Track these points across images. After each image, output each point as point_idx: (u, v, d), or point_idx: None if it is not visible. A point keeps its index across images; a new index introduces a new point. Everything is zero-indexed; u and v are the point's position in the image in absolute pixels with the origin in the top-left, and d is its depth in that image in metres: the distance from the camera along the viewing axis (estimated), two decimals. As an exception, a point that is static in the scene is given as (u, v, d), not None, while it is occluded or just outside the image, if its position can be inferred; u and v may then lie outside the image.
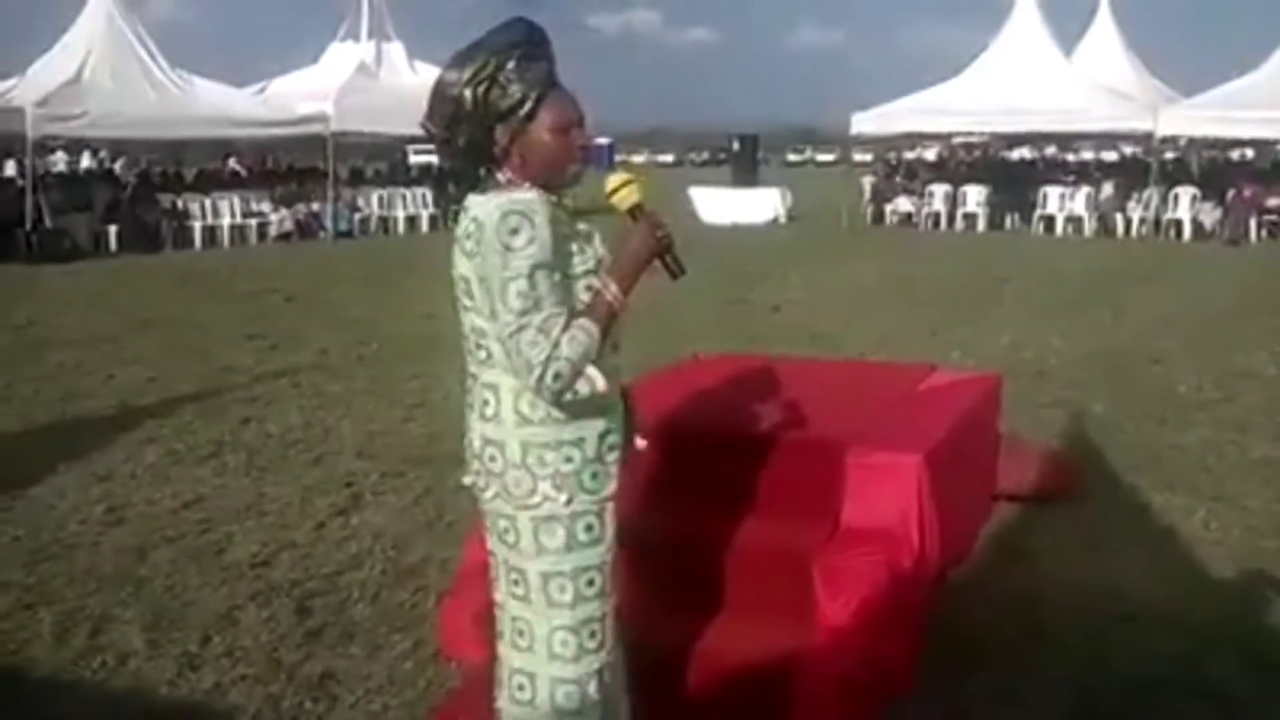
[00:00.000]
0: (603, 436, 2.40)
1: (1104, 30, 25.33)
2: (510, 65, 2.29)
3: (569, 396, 2.29)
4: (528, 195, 2.30)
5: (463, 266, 2.33)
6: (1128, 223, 21.58)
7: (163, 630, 3.95)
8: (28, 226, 17.49)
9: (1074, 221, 22.07)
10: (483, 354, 2.38)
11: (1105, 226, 21.76)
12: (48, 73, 18.83)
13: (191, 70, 21.04)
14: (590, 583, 2.44)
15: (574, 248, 2.33)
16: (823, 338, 9.82)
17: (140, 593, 4.30)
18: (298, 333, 10.34)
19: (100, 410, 7.37)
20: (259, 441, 6.56)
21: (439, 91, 2.36)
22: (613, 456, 2.43)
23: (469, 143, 2.36)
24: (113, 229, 18.79)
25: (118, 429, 6.79)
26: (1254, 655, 3.68)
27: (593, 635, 2.46)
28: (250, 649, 3.80)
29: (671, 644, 3.22)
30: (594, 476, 2.39)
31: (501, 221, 2.23)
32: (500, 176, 2.37)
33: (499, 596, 2.54)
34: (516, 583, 2.46)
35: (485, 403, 2.40)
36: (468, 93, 2.30)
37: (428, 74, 23.86)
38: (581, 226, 2.42)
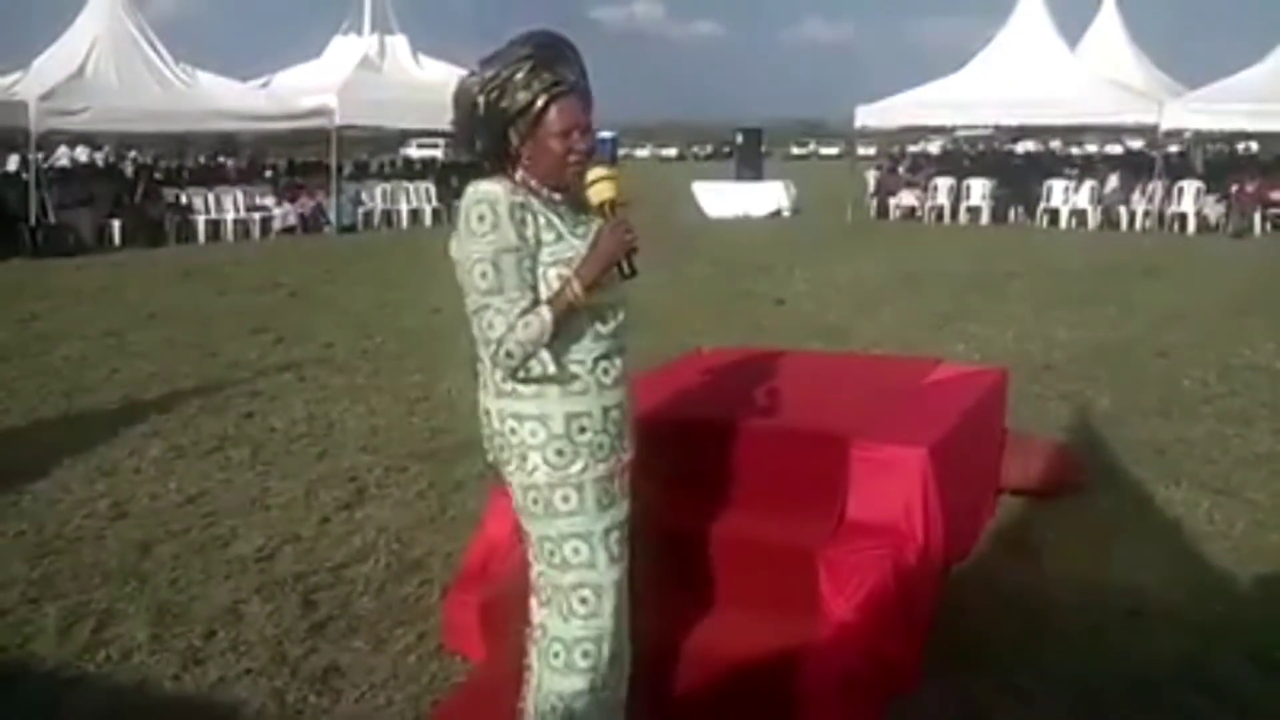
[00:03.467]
0: (571, 417, 2.54)
1: (1108, 23, 25.23)
2: (519, 75, 2.48)
3: (522, 374, 2.49)
4: (495, 186, 2.49)
5: (451, 249, 2.55)
6: (1132, 216, 21.53)
7: (167, 625, 3.95)
8: (32, 221, 17.49)
9: (1078, 215, 22.01)
10: (475, 330, 2.56)
11: (1109, 220, 21.70)
12: (51, 67, 18.81)
13: (195, 64, 21.03)
14: (576, 551, 2.59)
15: (550, 237, 2.50)
16: (827, 331, 9.80)
17: (144, 587, 4.30)
18: (302, 327, 10.34)
19: (104, 405, 7.37)
20: (263, 436, 6.55)
21: (457, 97, 2.57)
22: (584, 438, 2.55)
23: (488, 146, 2.56)
24: (116, 224, 18.80)
25: (122, 423, 6.79)
26: (1259, 651, 3.67)
27: (584, 601, 2.61)
28: (255, 643, 3.80)
29: (675, 637, 3.22)
30: (559, 453, 2.54)
31: (472, 209, 2.47)
32: (516, 175, 2.55)
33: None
34: (524, 537, 2.68)
35: (478, 373, 2.64)
36: (481, 99, 2.51)
37: (431, 68, 23.91)
38: (582, 218, 2.58)
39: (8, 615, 4.06)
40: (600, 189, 2.51)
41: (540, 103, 2.48)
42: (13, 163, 21.91)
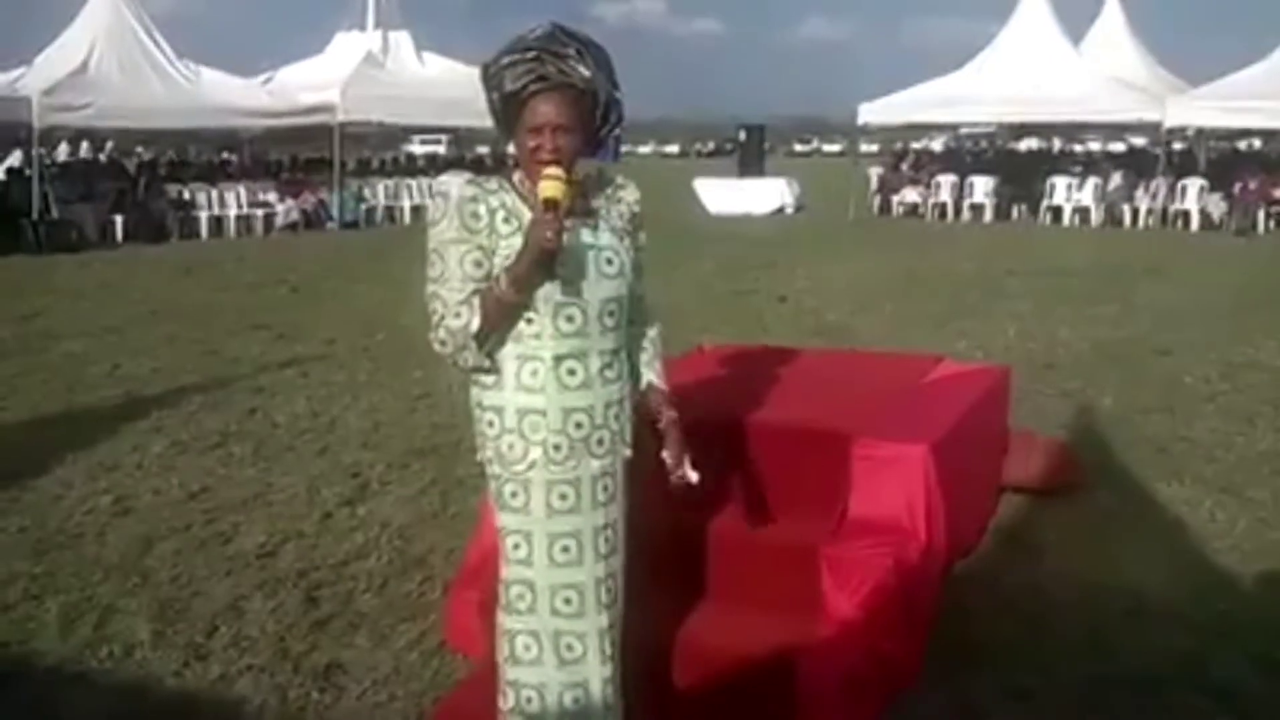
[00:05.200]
0: (523, 412, 2.54)
1: (1112, 20, 25.22)
2: (511, 65, 2.47)
3: (460, 364, 2.56)
4: (453, 179, 2.62)
5: None
6: (1135, 213, 21.51)
7: (169, 620, 3.96)
8: (35, 217, 17.49)
9: (1081, 212, 21.99)
10: None
11: (1112, 217, 21.68)
12: (54, 63, 18.82)
13: (198, 60, 21.04)
14: (516, 546, 2.61)
15: (507, 230, 2.50)
16: (830, 328, 9.81)
17: (146, 583, 4.31)
18: (304, 323, 10.35)
19: (107, 401, 7.38)
20: (265, 432, 6.56)
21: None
22: (538, 437, 2.54)
23: (504, 135, 2.59)
24: (119, 219, 18.80)
25: (124, 419, 6.80)
26: (1261, 651, 3.66)
27: (520, 596, 2.63)
28: (257, 639, 3.81)
29: (676, 634, 3.22)
30: (510, 447, 2.56)
31: (431, 200, 2.61)
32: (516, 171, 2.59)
33: None
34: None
35: None
36: (483, 85, 2.53)
37: (435, 64, 23.93)
38: (577, 221, 2.53)
39: (10, 611, 4.07)
40: (543, 187, 2.41)
41: (521, 96, 2.47)
42: (16, 158, 21.93)
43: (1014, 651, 3.68)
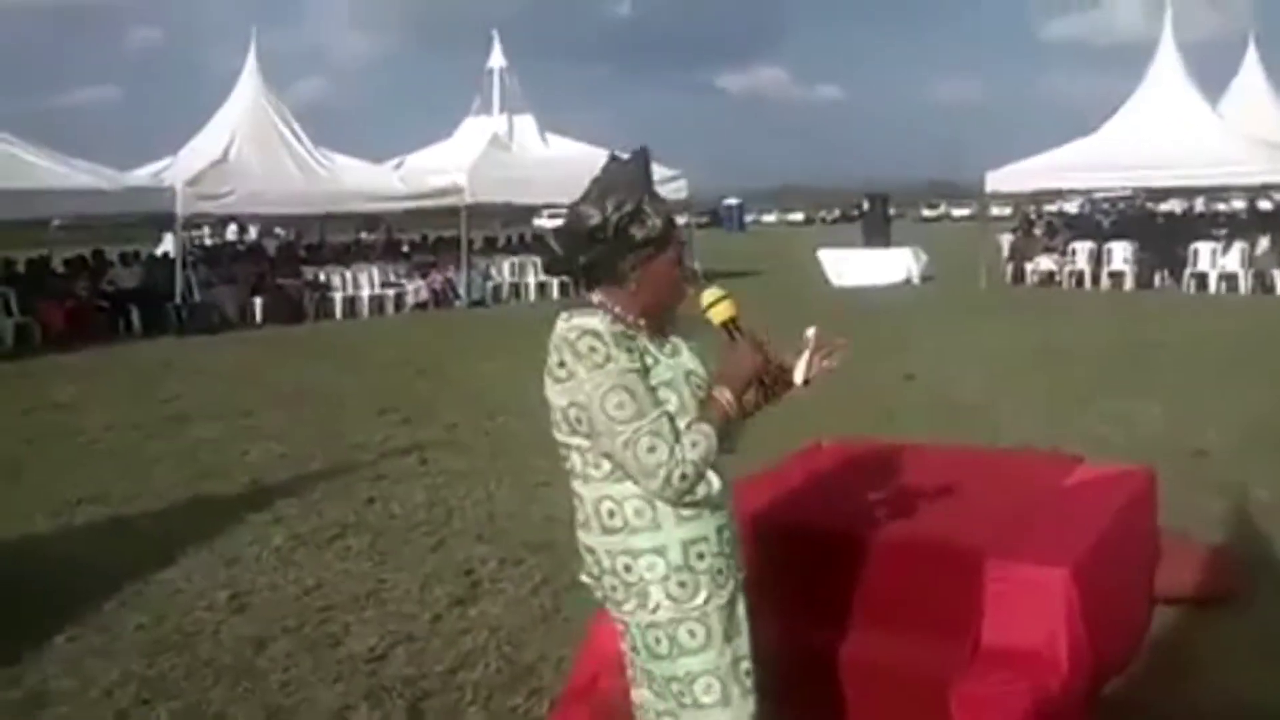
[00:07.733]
0: (688, 544, 2.42)
1: (1251, 77, 24.29)
2: (647, 201, 2.46)
3: (690, 497, 2.38)
4: (592, 319, 2.41)
5: (552, 391, 2.46)
6: (1288, 279, 20.41)
7: (275, 732, 3.89)
8: (178, 300, 18.28)
9: (1228, 279, 20.93)
10: (567, 465, 2.52)
11: (1263, 284, 20.59)
12: (197, 153, 19.84)
13: (332, 146, 21.89)
14: (709, 688, 2.44)
15: (650, 361, 2.43)
16: (961, 411, 9.42)
17: (256, 688, 4.28)
18: (428, 406, 10.44)
19: (232, 489, 7.50)
20: (383, 523, 6.55)
21: (577, 222, 2.48)
22: (704, 565, 2.43)
23: (591, 263, 2.49)
24: (258, 301, 19.49)
25: (248, 508, 6.89)
26: None
27: None
28: (359, 757, 3.71)
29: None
30: (681, 585, 2.42)
31: (578, 342, 2.38)
32: (595, 297, 2.49)
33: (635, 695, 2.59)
34: (649, 679, 2.50)
35: (576, 509, 2.55)
36: (611, 227, 2.44)
37: (557, 145, 24.40)
38: (674, 340, 2.53)
39: (122, 717, 4.06)
40: (720, 310, 2.50)
41: (669, 232, 2.48)
42: (168, 243, 22.96)
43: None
